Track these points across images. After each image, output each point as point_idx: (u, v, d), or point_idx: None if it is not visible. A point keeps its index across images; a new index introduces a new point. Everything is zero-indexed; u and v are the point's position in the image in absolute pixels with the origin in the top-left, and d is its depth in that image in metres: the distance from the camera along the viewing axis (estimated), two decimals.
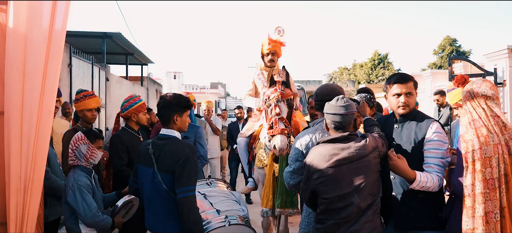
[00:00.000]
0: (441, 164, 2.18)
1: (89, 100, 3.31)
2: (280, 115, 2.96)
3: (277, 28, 3.86)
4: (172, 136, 2.37)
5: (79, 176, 2.58)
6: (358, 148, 2.08)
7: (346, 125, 2.15)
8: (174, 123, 2.39)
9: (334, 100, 2.22)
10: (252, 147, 3.70)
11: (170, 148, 2.29)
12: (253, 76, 4.01)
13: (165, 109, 2.38)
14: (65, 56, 7.13)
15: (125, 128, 3.42)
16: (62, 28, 2.35)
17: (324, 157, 2.10)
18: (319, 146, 2.18)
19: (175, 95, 2.44)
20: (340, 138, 2.13)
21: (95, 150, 2.68)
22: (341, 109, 2.15)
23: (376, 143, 2.13)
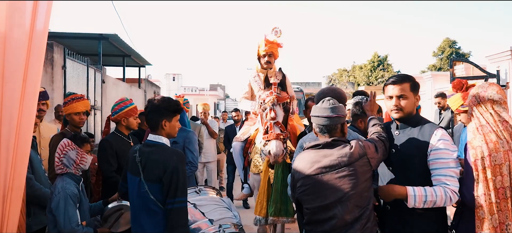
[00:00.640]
0: (452, 174, 1.92)
1: (77, 103, 3.18)
2: (276, 120, 2.83)
3: (274, 29, 3.73)
4: (159, 143, 2.24)
5: (68, 184, 2.45)
6: (342, 155, 1.92)
7: (332, 129, 2.00)
8: (163, 128, 2.26)
9: (320, 102, 2.10)
10: (248, 151, 3.57)
11: (157, 156, 2.17)
12: (249, 79, 3.88)
13: (153, 114, 2.25)
14: (59, 58, 7.02)
15: (115, 132, 3.28)
16: (44, 28, 2.23)
17: (307, 164, 1.98)
18: (304, 152, 2.06)
19: (164, 99, 2.32)
20: (323, 144, 1.98)
21: (84, 154, 2.56)
22: (326, 112, 2.01)
23: (364, 150, 1.94)
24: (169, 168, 2.09)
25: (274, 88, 2.96)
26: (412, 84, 2.13)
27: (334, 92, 2.51)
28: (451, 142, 2.00)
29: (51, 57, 6.74)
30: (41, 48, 2.24)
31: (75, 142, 2.54)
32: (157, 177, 2.10)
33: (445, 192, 1.88)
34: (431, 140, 1.99)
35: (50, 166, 3.12)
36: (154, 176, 2.12)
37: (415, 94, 2.14)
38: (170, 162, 2.11)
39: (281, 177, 2.95)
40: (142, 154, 2.21)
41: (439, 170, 1.93)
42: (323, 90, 2.65)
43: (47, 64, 6.61)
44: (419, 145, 2.01)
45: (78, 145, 2.54)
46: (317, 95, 2.52)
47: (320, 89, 2.65)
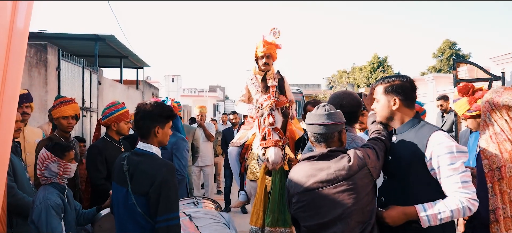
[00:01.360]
0: (465, 179, 1.67)
1: (65, 107, 3.03)
2: (274, 126, 2.68)
3: (273, 29, 3.59)
4: (149, 152, 2.07)
5: (50, 194, 2.30)
6: (339, 168, 1.76)
7: (328, 137, 1.84)
8: (155, 135, 2.10)
9: (315, 108, 1.94)
10: (244, 157, 3.42)
11: (145, 167, 2.00)
12: (246, 81, 3.74)
13: (145, 120, 2.07)
14: (53, 59, 6.87)
15: (104, 137, 3.13)
16: (24, 27, 2.09)
17: (302, 178, 1.81)
18: (299, 164, 1.91)
19: (157, 104, 2.14)
20: (319, 155, 1.82)
21: (67, 164, 2.40)
22: (321, 119, 1.84)
23: (364, 160, 1.77)
24: (157, 181, 1.93)
25: (272, 92, 2.81)
26: (387, 86, 1.95)
27: (349, 96, 2.30)
28: (453, 143, 1.76)
29: (44, 59, 6.59)
30: (21, 48, 2.10)
31: (55, 153, 2.38)
32: (144, 190, 1.95)
33: (461, 203, 1.65)
34: (429, 145, 1.77)
35: (36, 173, 2.97)
36: (142, 188, 1.96)
37: (393, 97, 1.92)
38: (159, 174, 1.95)
39: (278, 185, 2.80)
40: (131, 162, 2.05)
41: (447, 178, 1.70)
42: (338, 94, 2.40)
43: (40, 66, 6.46)
44: (415, 150, 1.81)
45: (58, 156, 2.38)
46: (329, 100, 2.33)
47: (334, 93, 2.42)
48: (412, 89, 1.93)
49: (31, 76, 6.10)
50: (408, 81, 1.93)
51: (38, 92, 6.22)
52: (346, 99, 2.22)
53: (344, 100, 2.21)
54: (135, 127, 2.14)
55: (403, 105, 1.90)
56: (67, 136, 3.15)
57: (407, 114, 1.91)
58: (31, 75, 6.12)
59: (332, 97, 2.32)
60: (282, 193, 2.80)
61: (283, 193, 2.79)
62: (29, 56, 6.09)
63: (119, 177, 2.07)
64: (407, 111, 1.91)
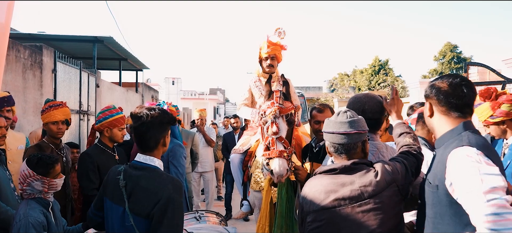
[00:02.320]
0: (489, 210, 1.24)
1: (55, 111, 2.81)
2: (278, 135, 2.47)
3: (277, 29, 3.38)
4: (151, 166, 1.80)
5: (32, 210, 2.07)
6: (365, 183, 1.53)
7: (350, 148, 1.61)
8: (163, 146, 1.84)
9: (335, 114, 1.71)
10: (248, 165, 3.20)
11: (147, 183, 1.73)
12: (249, 84, 3.53)
13: (151, 130, 1.78)
14: (48, 61, 6.67)
15: (97, 144, 2.91)
16: (5, 23, 1.88)
17: (320, 194, 1.58)
18: (315, 178, 1.67)
19: (161, 110, 1.85)
20: (340, 168, 1.59)
21: (52, 181, 2.17)
22: (342, 127, 1.62)
23: (393, 175, 1.56)
24: (162, 200, 1.67)
25: (276, 98, 2.60)
26: (425, 89, 1.76)
27: (372, 101, 2.02)
28: (484, 160, 1.36)
29: (39, 60, 6.39)
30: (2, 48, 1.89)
31: (38, 171, 2.14)
32: (146, 210, 1.70)
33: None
34: (447, 164, 1.41)
35: None
36: (143, 208, 1.71)
37: (428, 102, 1.62)
38: (164, 192, 1.69)
39: (285, 198, 2.59)
40: (128, 178, 1.77)
41: (469, 208, 1.32)
42: (359, 98, 2.08)
43: (35, 68, 6.26)
44: (437, 172, 1.48)
45: (42, 174, 2.15)
46: (349, 104, 2.08)
47: (353, 96, 2.13)
48: (453, 93, 1.52)
49: (25, 79, 5.90)
50: (449, 83, 1.54)
51: (33, 95, 6.02)
52: (369, 103, 1.98)
53: (367, 104, 1.97)
54: (135, 139, 1.85)
55: (438, 112, 1.57)
56: (58, 142, 2.94)
57: (446, 123, 1.55)
58: (26, 78, 5.92)
59: (352, 101, 2.07)
60: (289, 206, 2.59)
61: (290, 206, 2.59)
62: (24, 58, 5.89)
63: (114, 194, 1.79)
64: (445, 120, 1.55)
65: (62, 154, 2.93)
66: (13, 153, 2.90)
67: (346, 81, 24.12)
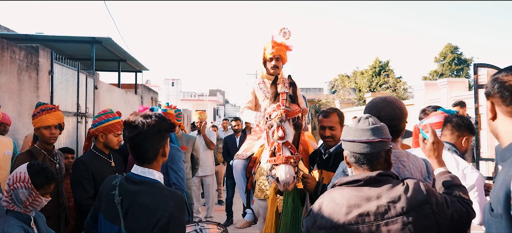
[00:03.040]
0: None
1: (46, 115, 2.65)
2: (285, 140, 2.31)
3: (282, 29, 3.22)
4: (150, 180, 1.62)
5: (10, 227, 1.91)
6: (393, 198, 1.34)
7: (373, 158, 1.44)
8: (163, 156, 1.68)
9: (355, 121, 1.54)
10: (251, 171, 3.04)
11: (147, 200, 1.56)
12: (252, 85, 3.37)
13: (151, 141, 1.61)
14: (45, 63, 6.51)
15: (92, 150, 2.75)
16: None
17: (341, 208, 1.38)
18: (335, 189, 1.48)
19: (160, 117, 1.67)
20: (365, 180, 1.41)
21: (38, 197, 2.01)
22: (365, 135, 1.44)
23: (427, 196, 1.37)
24: (164, 218, 1.51)
25: (282, 100, 2.44)
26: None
27: (390, 106, 1.82)
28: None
29: (35, 62, 6.24)
30: None
31: (34, 179, 1.99)
32: (146, 230, 1.53)
33: None
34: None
35: None
36: (141, 227, 1.54)
37: (488, 101, 1.28)
38: (165, 209, 1.52)
39: (291, 208, 2.43)
40: (125, 193, 1.59)
41: None
42: (376, 102, 1.86)
43: (31, 69, 6.10)
44: (500, 193, 1.11)
45: (36, 185, 1.99)
46: (366, 109, 1.89)
47: (370, 101, 1.93)
48: None
49: (20, 80, 5.74)
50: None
51: (29, 97, 5.86)
52: (386, 109, 1.80)
53: (383, 110, 1.79)
54: (131, 150, 1.67)
55: (503, 114, 1.22)
56: (50, 148, 2.77)
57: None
58: (21, 79, 5.76)
59: (369, 106, 1.88)
60: (296, 216, 2.43)
61: (296, 216, 2.42)
62: (19, 59, 5.73)
63: (108, 211, 1.62)
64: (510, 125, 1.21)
65: (55, 161, 2.77)
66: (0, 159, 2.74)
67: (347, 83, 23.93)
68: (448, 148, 2.38)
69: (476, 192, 2.17)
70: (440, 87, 7.32)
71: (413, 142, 3.45)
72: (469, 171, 2.27)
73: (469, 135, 2.47)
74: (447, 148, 2.38)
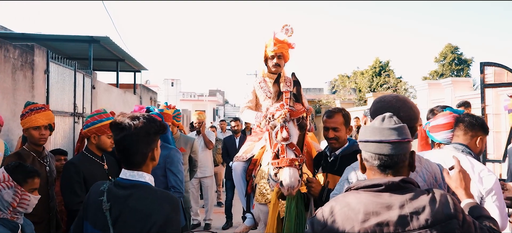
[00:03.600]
0: None
1: (36, 115, 2.51)
2: (289, 141, 2.18)
3: (285, 26, 3.09)
4: (141, 183, 1.52)
5: None
6: (417, 208, 1.21)
7: (400, 161, 1.30)
8: (152, 160, 1.57)
9: (379, 120, 1.38)
10: (252, 174, 2.91)
11: (138, 204, 1.46)
12: (253, 84, 3.23)
13: (138, 144, 1.52)
14: (40, 62, 6.38)
15: (84, 152, 2.61)
16: None
17: (357, 214, 1.25)
18: (351, 194, 1.33)
19: (148, 118, 1.56)
20: (387, 185, 1.26)
21: (26, 195, 1.88)
22: (392, 134, 1.30)
23: (454, 210, 1.24)
24: (159, 221, 1.41)
25: (286, 99, 2.31)
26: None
27: (406, 105, 1.66)
28: None
29: (31, 61, 6.10)
30: None
31: (14, 176, 1.87)
32: None
33: None
34: None
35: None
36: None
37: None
38: (160, 212, 1.43)
39: (295, 213, 2.29)
40: (114, 199, 1.49)
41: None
42: (389, 100, 1.70)
43: (26, 68, 5.96)
44: None
45: (18, 181, 1.87)
46: (374, 106, 1.72)
47: (378, 98, 1.76)
48: None
49: (15, 80, 5.61)
50: None
51: (24, 97, 5.72)
52: (403, 109, 1.64)
53: (401, 110, 1.62)
54: (118, 154, 1.58)
55: None
56: (40, 150, 2.63)
57: None
58: (15, 79, 5.62)
59: (382, 106, 1.70)
60: (299, 222, 2.29)
61: (300, 222, 2.29)
62: (13, 58, 5.60)
63: (97, 219, 1.50)
64: None
65: (45, 163, 2.63)
66: None
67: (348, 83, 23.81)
68: (462, 150, 2.25)
69: (495, 196, 2.03)
70: (444, 87, 7.19)
71: (419, 145, 3.29)
72: (486, 174, 2.13)
73: (483, 135, 2.33)
74: (460, 150, 2.24)
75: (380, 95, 1.79)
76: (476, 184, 2.06)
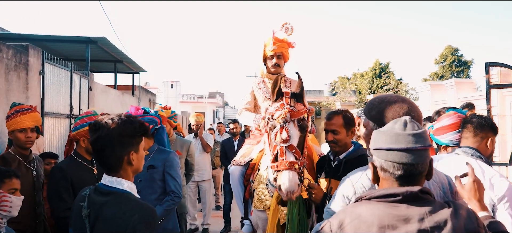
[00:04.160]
0: None
1: (22, 117, 2.38)
2: (289, 143, 2.05)
3: (284, 24, 2.96)
4: (118, 190, 1.47)
5: None
6: (439, 223, 1.08)
7: (422, 170, 1.16)
8: (129, 164, 1.49)
9: (399, 124, 1.20)
10: (250, 179, 2.77)
11: (112, 212, 1.42)
12: (251, 85, 3.10)
13: (110, 147, 1.46)
14: (35, 62, 6.25)
15: (72, 155, 2.48)
16: None
17: (369, 228, 1.12)
18: (363, 204, 1.19)
19: (124, 120, 1.50)
20: (404, 195, 1.12)
21: (5, 196, 1.76)
22: (419, 141, 1.16)
23: (478, 226, 1.14)
24: (128, 231, 1.37)
25: (286, 99, 2.18)
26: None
27: (415, 108, 1.50)
28: None
29: (25, 61, 5.97)
30: None
31: None
32: None
33: None
34: None
35: None
36: None
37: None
38: (129, 222, 1.38)
39: (297, 220, 2.16)
40: (92, 205, 1.46)
41: None
42: (391, 100, 1.52)
43: (20, 69, 5.83)
44: None
45: None
46: (376, 107, 1.53)
47: (378, 99, 1.57)
48: None
49: (8, 81, 5.47)
50: None
51: (17, 98, 5.59)
52: (413, 109, 1.48)
53: (412, 110, 1.46)
54: (95, 157, 1.58)
55: None
56: (27, 153, 2.50)
57: None
58: (9, 80, 5.49)
59: (390, 107, 1.50)
60: (302, 229, 2.16)
61: (302, 230, 2.15)
62: (6, 58, 5.47)
63: (77, 226, 1.49)
64: None
65: (31, 167, 2.50)
66: None
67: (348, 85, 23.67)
68: (471, 154, 2.11)
69: (507, 203, 1.89)
70: (446, 88, 7.07)
71: None
72: (498, 180, 2.00)
73: (493, 135, 2.20)
74: (470, 154, 2.10)
75: (376, 96, 1.62)
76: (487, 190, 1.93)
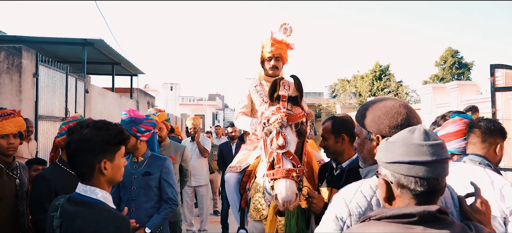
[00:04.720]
0: None
1: (4, 122, 2.23)
2: (285, 149, 1.92)
3: (283, 25, 2.83)
4: (91, 200, 1.42)
5: None
6: None
7: (438, 187, 1.03)
8: (101, 173, 1.43)
9: (419, 134, 1.06)
10: (246, 187, 2.63)
11: (84, 223, 1.36)
12: (248, 88, 2.97)
13: (82, 153, 1.42)
14: (29, 64, 6.13)
15: (57, 163, 2.34)
16: None
17: None
18: (369, 225, 1.05)
19: (99, 125, 1.45)
20: (421, 215, 0.99)
21: None
22: (442, 152, 1.03)
23: None
24: None
25: (283, 102, 2.05)
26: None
27: (415, 114, 1.38)
28: None
29: (18, 63, 5.84)
30: None
31: None
32: None
33: None
34: None
35: None
36: None
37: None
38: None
39: (295, 232, 2.02)
40: (65, 216, 1.41)
41: None
42: (397, 108, 1.36)
43: (13, 71, 5.70)
44: None
45: None
46: (373, 112, 1.39)
47: (373, 104, 1.43)
48: None
49: (0, 83, 5.34)
50: None
51: (10, 101, 5.46)
52: (413, 114, 1.35)
53: (415, 118, 1.33)
54: (69, 163, 1.49)
55: None
56: (10, 160, 2.36)
57: None
58: (1, 82, 5.37)
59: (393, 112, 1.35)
60: None
61: None
62: None
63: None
64: None
65: (14, 175, 2.36)
66: None
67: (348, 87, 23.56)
68: (479, 162, 1.97)
69: None
70: (449, 91, 6.93)
71: None
72: (509, 190, 1.86)
73: (502, 141, 2.07)
74: (477, 162, 1.97)
75: (370, 101, 1.48)
76: (497, 202, 1.80)
